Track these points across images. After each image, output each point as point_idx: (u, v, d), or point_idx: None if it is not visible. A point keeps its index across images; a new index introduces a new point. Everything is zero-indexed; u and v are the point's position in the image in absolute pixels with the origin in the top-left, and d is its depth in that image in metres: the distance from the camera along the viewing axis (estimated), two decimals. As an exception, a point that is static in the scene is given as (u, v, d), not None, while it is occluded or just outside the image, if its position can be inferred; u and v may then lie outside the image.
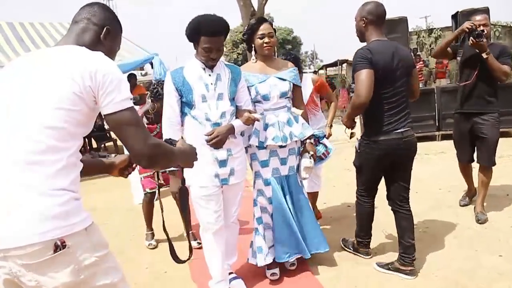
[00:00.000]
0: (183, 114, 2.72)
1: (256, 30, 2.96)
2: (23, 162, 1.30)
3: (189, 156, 1.71)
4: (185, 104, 2.68)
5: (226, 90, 2.70)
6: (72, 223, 1.32)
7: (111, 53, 1.62)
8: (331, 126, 3.96)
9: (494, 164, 3.91)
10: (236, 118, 2.77)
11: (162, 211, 1.87)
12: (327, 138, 3.64)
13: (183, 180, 1.86)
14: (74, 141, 1.40)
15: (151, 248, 3.96)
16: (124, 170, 1.86)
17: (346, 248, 3.53)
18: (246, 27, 3.06)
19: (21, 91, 1.37)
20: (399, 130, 2.88)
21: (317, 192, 4.22)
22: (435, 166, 6.10)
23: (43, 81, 1.36)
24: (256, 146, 3.00)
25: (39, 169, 1.30)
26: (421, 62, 13.57)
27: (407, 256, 3.01)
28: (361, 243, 3.39)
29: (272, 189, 3.03)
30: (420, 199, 4.65)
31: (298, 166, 3.16)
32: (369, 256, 3.38)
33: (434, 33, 17.32)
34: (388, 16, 7.96)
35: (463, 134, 3.97)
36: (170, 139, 1.70)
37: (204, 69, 2.67)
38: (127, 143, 1.40)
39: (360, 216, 3.35)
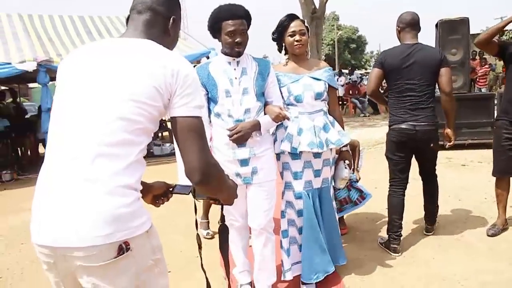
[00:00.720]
0: (209, 111, 2.66)
1: (286, 27, 2.80)
2: (93, 154, 1.24)
3: (232, 192, 1.61)
4: (211, 100, 2.63)
5: (251, 84, 2.59)
6: (136, 225, 1.27)
7: (174, 40, 1.58)
8: (358, 170, 3.74)
9: None
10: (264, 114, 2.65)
11: (200, 248, 1.74)
12: (357, 182, 3.59)
13: (223, 217, 1.74)
14: (146, 136, 1.34)
15: (208, 238, 4.05)
16: (157, 198, 1.70)
17: (380, 246, 3.64)
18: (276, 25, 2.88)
19: (96, 81, 1.32)
20: (410, 122, 3.36)
21: None
22: (486, 175, 5.83)
23: (122, 73, 1.31)
24: (289, 153, 2.81)
25: (108, 163, 1.24)
26: (486, 66, 12.91)
27: (428, 218, 3.76)
28: (390, 236, 3.53)
29: (304, 204, 2.85)
30: (461, 206, 4.55)
31: (333, 176, 3.03)
32: (397, 254, 3.44)
33: (506, 35, 16.37)
34: (456, 15, 7.67)
35: (508, 144, 3.60)
36: None
37: (229, 63, 2.60)
38: (185, 151, 1.31)
39: (390, 207, 3.60)
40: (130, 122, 1.27)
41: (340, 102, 16.87)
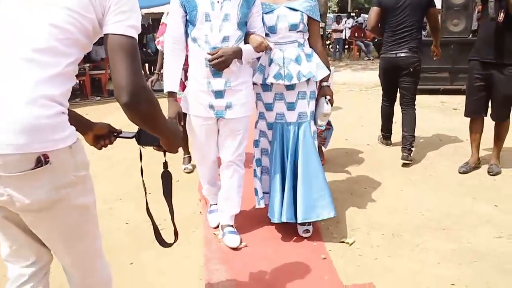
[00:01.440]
0: (186, 35, 2.55)
1: None
2: (21, 59, 1.21)
3: (174, 136, 1.51)
4: (189, 23, 2.52)
5: (235, 11, 2.46)
6: (57, 138, 1.22)
7: None
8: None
9: (508, 119, 3.75)
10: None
11: (145, 191, 1.67)
12: None
13: (166, 164, 1.69)
14: (76, 49, 1.30)
15: (186, 172, 4.11)
16: (99, 139, 1.62)
17: (379, 141, 4.80)
18: None
19: None
20: (394, 51, 4.09)
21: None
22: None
23: None
24: (260, 84, 2.76)
25: (35, 70, 1.20)
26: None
27: (404, 146, 4.14)
28: (383, 136, 4.72)
29: (273, 138, 2.81)
30: (441, 146, 4.67)
31: (314, 113, 2.84)
32: (389, 146, 4.68)
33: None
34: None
35: (479, 85, 3.65)
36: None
37: None
38: (115, 71, 1.26)
39: (382, 115, 4.63)
40: (61, 30, 1.24)
41: (347, 45, 16.68)
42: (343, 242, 2.77)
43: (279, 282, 2.38)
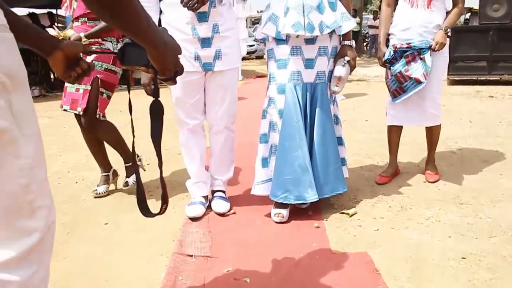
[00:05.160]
0: None
1: None
2: None
3: (166, 44, 1.01)
4: None
5: None
6: None
7: None
8: (446, 30, 2.66)
9: None
10: None
11: (133, 133, 1.21)
12: (436, 50, 2.63)
13: (156, 90, 1.16)
14: None
15: (98, 197, 2.81)
16: (70, 66, 1.13)
17: None
18: None
19: None
20: None
21: (438, 127, 2.88)
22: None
23: None
24: (274, 38, 2.32)
25: None
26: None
27: None
28: None
29: (285, 99, 2.32)
30: (470, 127, 4.24)
31: (331, 73, 2.41)
32: None
33: None
34: None
35: None
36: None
37: None
38: None
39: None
40: None
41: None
42: (343, 213, 2.46)
43: (257, 247, 2.10)
